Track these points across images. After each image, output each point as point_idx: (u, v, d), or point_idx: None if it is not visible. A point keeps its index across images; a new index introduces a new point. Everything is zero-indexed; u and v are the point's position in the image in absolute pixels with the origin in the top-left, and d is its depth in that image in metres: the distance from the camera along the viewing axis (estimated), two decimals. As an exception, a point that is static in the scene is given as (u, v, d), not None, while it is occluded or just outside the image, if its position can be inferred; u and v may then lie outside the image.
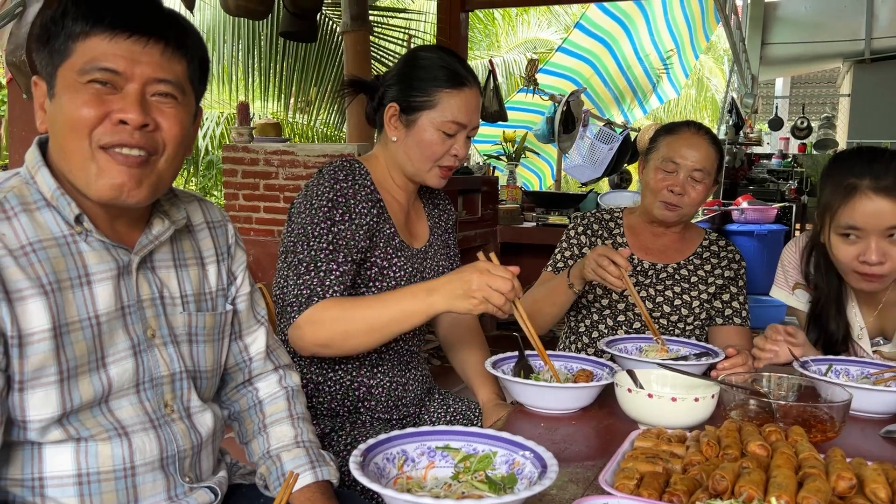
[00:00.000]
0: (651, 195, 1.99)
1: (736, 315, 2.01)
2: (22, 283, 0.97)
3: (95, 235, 1.05)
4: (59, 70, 1.01)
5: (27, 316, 0.97)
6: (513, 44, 12.63)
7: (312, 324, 1.45)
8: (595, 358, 1.62)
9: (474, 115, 1.63)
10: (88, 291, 1.04)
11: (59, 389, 1.00)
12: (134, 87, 1.01)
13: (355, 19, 4.79)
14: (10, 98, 2.87)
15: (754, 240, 7.17)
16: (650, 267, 2.03)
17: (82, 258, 1.04)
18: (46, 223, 1.03)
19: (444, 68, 1.60)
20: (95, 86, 1.00)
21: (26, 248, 0.99)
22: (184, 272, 1.18)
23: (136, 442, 1.08)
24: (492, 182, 4.88)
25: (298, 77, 7.13)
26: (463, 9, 5.49)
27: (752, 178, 9.01)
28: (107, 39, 1.00)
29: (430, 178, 1.64)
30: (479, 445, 1.12)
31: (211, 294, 1.22)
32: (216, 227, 1.26)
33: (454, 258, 1.86)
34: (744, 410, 1.31)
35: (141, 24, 1.02)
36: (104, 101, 1.00)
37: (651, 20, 8.50)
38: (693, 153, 1.93)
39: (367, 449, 1.05)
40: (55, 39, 1.01)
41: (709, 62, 15.20)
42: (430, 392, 1.83)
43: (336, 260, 1.51)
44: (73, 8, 1.01)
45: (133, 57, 1.01)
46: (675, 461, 1.08)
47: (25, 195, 1.03)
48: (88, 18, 1.00)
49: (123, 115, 1.00)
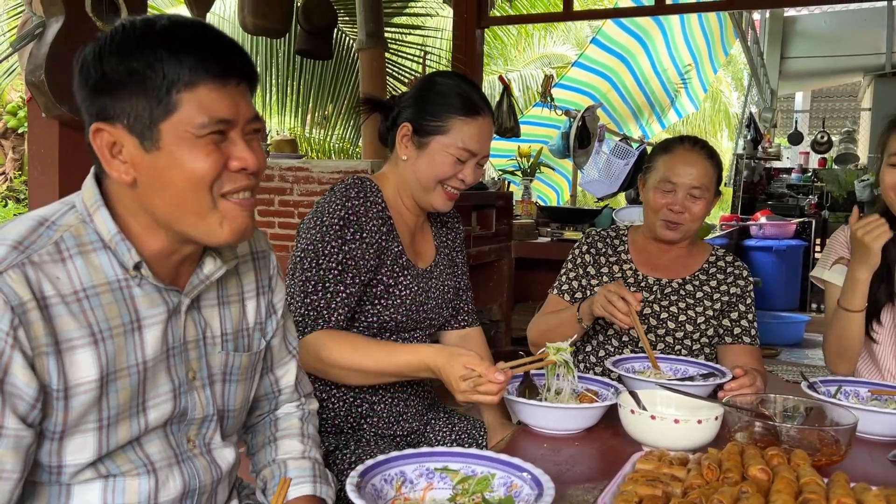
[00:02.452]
0: (652, 214, 1.98)
1: (745, 334, 1.98)
2: (74, 333, 0.95)
3: (151, 280, 1.03)
4: (164, 125, 0.95)
5: (75, 367, 0.95)
6: (528, 59, 12.67)
7: (312, 349, 1.50)
8: (601, 378, 1.61)
9: (486, 144, 1.65)
10: (139, 337, 1.02)
11: (97, 436, 0.99)
12: (238, 132, 1.00)
13: (371, 37, 4.83)
14: (30, 116, 2.92)
15: (773, 255, 7.11)
16: (655, 283, 2.01)
17: (134, 303, 1.02)
18: (102, 266, 0.99)
19: (459, 96, 1.61)
20: (213, 137, 0.97)
21: (79, 293, 0.96)
22: (226, 310, 1.16)
23: (162, 478, 1.07)
24: (506, 197, 4.88)
25: (315, 94, 7.21)
26: (478, 25, 5.52)
27: (771, 192, 8.94)
28: (217, 89, 0.96)
29: (436, 199, 1.65)
30: (478, 467, 1.12)
31: (248, 330, 1.20)
32: (260, 259, 1.23)
33: (462, 276, 1.87)
34: (749, 433, 1.29)
35: (242, 68, 1.00)
36: (220, 150, 0.98)
37: (669, 35, 8.48)
38: (689, 170, 1.92)
39: (366, 470, 1.06)
40: (153, 89, 0.94)
41: (723, 76, 15.13)
42: (434, 408, 1.83)
43: (344, 281, 1.53)
44: (170, 53, 0.94)
45: (236, 102, 0.99)
46: (675, 484, 1.08)
47: (82, 235, 0.99)
48: (197, 67, 0.95)
49: (242, 163, 0.99)
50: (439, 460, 1.13)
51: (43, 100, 2.64)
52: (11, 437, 0.91)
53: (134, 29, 0.96)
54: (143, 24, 0.97)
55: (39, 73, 2.58)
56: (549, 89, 6.03)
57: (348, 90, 7.14)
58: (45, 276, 0.93)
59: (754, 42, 9.52)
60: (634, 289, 1.99)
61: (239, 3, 4.21)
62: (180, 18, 1.00)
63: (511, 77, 9.19)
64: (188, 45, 0.95)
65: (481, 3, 5.49)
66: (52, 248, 0.96)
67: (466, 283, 1.89)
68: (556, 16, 7.09)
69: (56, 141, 2.79)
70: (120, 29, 0.97)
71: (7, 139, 8.74)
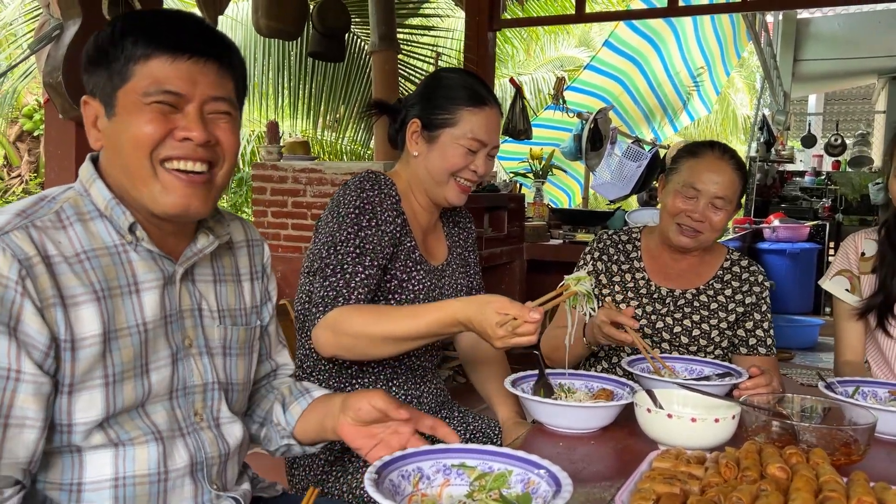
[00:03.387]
0: (668, 217, 1.91)
1: (761, 344, 1.94)
2: (77, 290, 1.01)
3: (145, 244, 1.09)
4: (120, 92, 1.04)
5: (80, 321, 1.01)
6: (539, 62, 12.66)
7: (336, 325, 1.47)
8: (616, 377, 1.61)
9: (494, 135, 1.65)
10: (137, 299, 1.08)
11: (104, 393, 1.03)
12: (194, 106, 1.06)
13: (383, 39, 4.85)
14: (48, 118, 2.95)
15: (786, 258, 7.07)
16: (668, 294, 1.96)
17: (132, 267, 1.08)
18: (99, 233, 1.07)
19: (465, 88, 1.63)
20: (158, 106, 1.04)
21: (80, 255, 1.03)
22: (222, 287, 1.23)
23: (169, 447, 1.11)
24: (518, 199, 4.88)
25: (327, 96, 7.23)
26: (490, 28, 5.52)
27: (784, 195, 8.89)
28: (168, 62, 1.04)
29: (449, 192, 1.65)
30: (495, 464, 1.12)
31: (245, 310, 1.27)
32: (254, 246, 1.32)
33: (474, 276, 1.87)
34: (766, 432, 1.29)
35: (199, 45, 1.06)
36: (167, 119, 1.05)
37: (682, 38, 8.46)
38: (716, 179, 1.84)
39: (383, 465, 1.06)
40: (114, 62, 1.04)
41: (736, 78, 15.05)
42: (447, 406, 1.83)
43: (362, 263, 1.53)
44: (132, 31, 1.04)
45: (192, 78, 1.05)
46: (693, 482, 1.07)
47: (80, 206, 1.08)
48: (150, 42, 1.04)
49: (187, 133, 1.05)
50: (456, 456, 1.13)
51: (60, 101, 2.66)
52: (31, 383, 0.96)
53: (123, 17, 1.08)
54: (132, 13, 1.11)
55: (57, 74, 2.60)
56: (561, 91, 6.03)
57: (360, 92, 7.16)
58: (48, 238, 1.01)
59: (767, 44, 9.47)
60: (646, 300, 1.95)
61: (253, 5, 4.23)
62: (158, 8, 1.09)
63: (522, 80, 9.17)
64: (150, 24, 1.06)
65: (493, 6, 5.49)
66: (53, 216, 1.04)
67: (479, 282, 1.89)
68: (568, 18, 7.09)
69: (73, 141, 2.82)
70: (116, 20, 1.08)
71: (23, 142, 8.82)
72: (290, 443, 1.31)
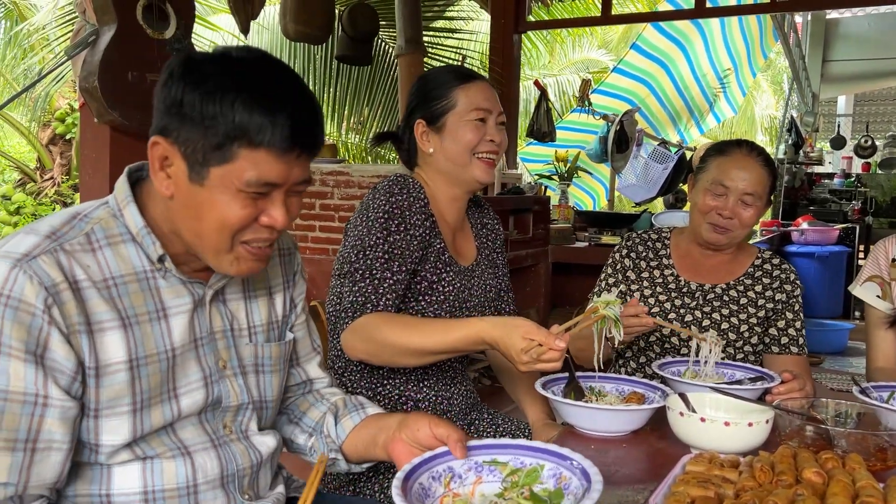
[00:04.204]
0: (699, 216, 1.93)
1: (793, 343, 1.93)
2: (103, 315, 1.01)
3: (174, 273, 1.09)
4: (216, 169, 0.99)
5: (105, 347, 1.01)
6: (563, 65, 12.63)
7: (363, 332, 1.49)
8: (647, 381, 1.61)
9: (494, 102, 1.69)
10: (165, 325, 1.08)
11: (131, 419, 1.04)
12: (281, 192, 1.04)
13: (410, 42, 4.87)
14: (83, 122, 3.01)
15: (815, 262, 6.97)
16: (697, 288, 1.97)
17: (160, 294, 1.08)
18: (129, 257, 1.06)
19: (451, 72, 1.71)
20: (254, 194, 1.01)
21: (108, 281, 1.03)
22: (253, 304, 1.22)
23: (198, 461, 1.11)
24: (543, 202, 4.87)
25: (351, 98, 7.27)
26: (515, 30, 5.53)
27: (813, 198, 8.77)
28: (275, 157, 0.99)
29: (476, 171, 1.67)
30: (527, 459, 1.11)
31: (277, 323, 1.26)
32: (285, 256, 1.30)
33: (503, 277, 1.88)
34: (800, 437, 1.28)
35: (308, 141, 1.03)
36: (256, 205, 1.03)
37: (709, 39, 8.40)
38: (744, 175, 1.86)
39: (412, 469, 1.05)
40: (212, 128, 0.98)
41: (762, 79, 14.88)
42: (477, 408, 1.84)
43: (391, 269, 1.55)
44: (244, 112, 0.97)
45: (290, 168, 1.02)
46: (727, 486, 1.07)
47: (111, 228, 1.06)
48: (261, 134, 0.98)
49: (273, 222, 1.04)
50: (487, 453, 1.12)
51: (95, 105, 2.72)
52: (58, 408, 0.97)
53: (222, 68, 1.00)
54: (231, 65, 1.00)
55: (93, 79, 2.66)
56: (586, 93, 6.01)
57: (385, 95, 7.19)
58: (76, 262, 1.00)
59: (796, 45, 9.36)
60: (675, 294, 1.96)
61: (281, 9, 4.28)
62: (270, 68, 1.03)
63: (546, 82, 9.15)
64: (265, 106, 0.98)
65: (519, 9, 5.50)
66: (83, 238, 1.03)
67: (508, 284, 1.90)
68: (594, 20, 7.06)
69: (107, 145, 2.88)
70: (210, 63, 1.00)
71: (55, 145, 8.98)
72: (337, 457, 1.29)
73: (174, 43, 2.83)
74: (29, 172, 9.28)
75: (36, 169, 9.25)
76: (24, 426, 0.94)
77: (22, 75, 8.46)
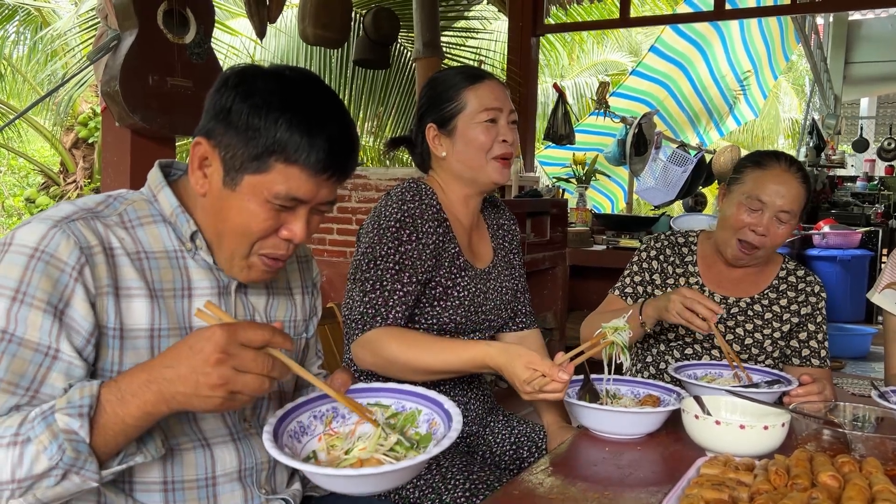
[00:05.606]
0: (729, 231, 1.86)
1: (814, 356, 1.90)
2: (133, 283, 1.05)
3: (202, 254, 1.12)
4: (249, 177, 1.05)
5: (131, 312, 1.05)
6: (582, 67, 12.59)
7: (372, 346, 1.53)
8: (662, 383, 1.60)
9: (505, 101, 1.68)
10: (188, 303, 1.11)
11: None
12: (306, 209, 1.08)
13: (428, 46, 4.88)
14: (104, 125, 3.04)
15: (837, 265, 6.89)
16: (721, 301, 1.92)
17: (188, 272, 1.12)
18: (160, 237, 1.11)
19: (459, 73, 1.70)
20: (278, 206, 1.06)
21: (140, 254, 1.08)
22: (274, 300, 1.26)
23: (217, 453, 1.14)
24: (561, 205, 4.86)
25: (366, 102, 7.29)
26: (534, 33, 5.53)
27: (835, 201, 8.67)
28: (308, 176, 1.05)
29: (492, 174, 1.67)
30: (408, 403, 1.15)
31: (296, 323, 1.31)
32: (303, 262, 1.36)
33: (519, 278, 1.88)
34: (817, 441, 1.27)
35: (341, 166, 1.08)
36: (279, 217, 1.08)
37: (728, 41, 8.34)
38: (782, 191, 1.79)
39: (294, 407, 1.11)
40: (253, 139, 1.03)
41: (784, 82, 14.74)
42: (493, 412, 1.84)
43: (401, 280, 1.55)
44: (287, 130, 1.02)
45: (319, 188, 1.07)
46: (741, 489, 1.07)
47: (143, 209, 1.11)
48: (298, 152, 1.03)
49: (292, 235, 1.09)
50: (373, 395, 1.16)
51: (117, 109, 2.75)
52: (65, 363, 0.99)
53: (273, 86, 1.05)
54: (282, 83, 1.06)
55: (114, 83, 2.69)
56: (604, 96, 5.99)
57: (401, 98, 7.21)
58: (112, 233, 1.06)
59: (817, 47, 9.27)
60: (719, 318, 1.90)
61: (300, 14, 4.30)
62: (318, 92, 1.08)
63: (564, 85, 9.13)
64: (306, 127, 1.03)
65: (537, 12, 5.50)
66: (117, 217, 1.08)
67: (524, 284, 1.90)
68: (612, 22, 7.03)
69: (128, 149, 2.91)
70: (263, 78, 1.06)
71: (78, 149, 9.09)
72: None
73: (194, 47, 2.86)
74: (52, 176, 9.41)
75: (59, 172, 9.37)
76: (29, 373, 0.97)
77: (45, 80, 8.58)
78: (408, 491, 1.55)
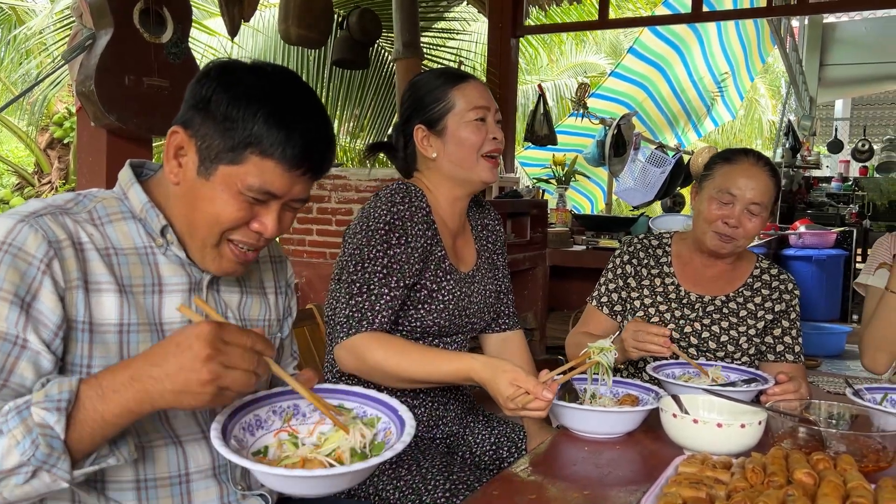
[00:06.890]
0: (704, 224, 1.90)
1: (788, 351, 1.93)
2: (102, 277, 1.05)
3: (174, 249, 1.12)
4: (224, 168, 1.05)
5: (100, 307, 1.04)
6: (561, 69, 12.65)
7: (356, 351, 1.52)
8: (641, 382, 1.61)
9: (490, 100, 1.70)
10: (158, 299, 1.11)
11: None
12: (278, 203, 1.09)
13: (408, 46, 4.88)
14: (80, 126, 3.00)
15: (813, 265, 6.98)
16: (697, 299, 1.95)
17: (158, 269, 1.12)
18: (130, 233, 1.11)
19: (443, 75, 1.70)
20: (251, 199, 1.07)
21: (110, 250, 1.07)
22: (247, 298, 1.26)
23: (190, 451, 1.13)
24: (541, 205, 4.87)
25: (343, 102, 7.27)
26: (513, 35, 5.54)
27: (811, 201, 8.79)
28: (283, 171, 1.06)
29: (482, 173, 1.67)
30: (370, 409, 1.14)
31: (269, 322, 1.31)
32: (276, 262, 1.35)
33: (503, 279, 1.88)
34: (793, 438, 1.29)
35: (316, 165, 1.09)
36: (251, 210, 1.08)
37: (705, 43, 8.42)
38: (751, 185, 1.85)
39: (255, 399, 1.09)
40: (230, 130, 1.04)
41: (760, 84, 14.92)
42: (473, 412, 1.84)
43: (388, 285, 1.55)
44: (263, 125, 1.03)
45: (293, 185, 1.08)
46: (719, 487, 1.07)
47: (113, 207, 1.11)
48: (273, 146, 1.03)
49: (263, 229, 1.10)
50: (336, 398, 1.15)
51: (92, 109, 2.72)
52: (33, 352, 0.98)
53: (254, 79, 1.06)
54: (263, 78, 1.07)
55: (89, 83, 2.66)
56: (583, 97, 6.02)
57: (378, 98, 7.20)
58: (81, 228, 1.05)
59: (793, 49, 9.39)
60: (675, 305, 1.95)
61: (282, 14, 4.28)
62: (297, 89, 1.09)
63: (544, 86, 9.17)
64: (283, 123, 1.04)
65: (516, 13, 5.51)
66: (87, 214, 1.08)
67: (507, 285, 1.90)
68: (591, 24, 7.07)
69: (104, 148, 2.87)
70: (245, 72, 1.07)
71: (53, 149, 8.98)
72: None
73: (171, 47, 2.83)
74: (27, 177, 9.28)
75: (34, 173, 9.24)
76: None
77: (20, 80, 8.46)
78: (388, 491, 1.55)
